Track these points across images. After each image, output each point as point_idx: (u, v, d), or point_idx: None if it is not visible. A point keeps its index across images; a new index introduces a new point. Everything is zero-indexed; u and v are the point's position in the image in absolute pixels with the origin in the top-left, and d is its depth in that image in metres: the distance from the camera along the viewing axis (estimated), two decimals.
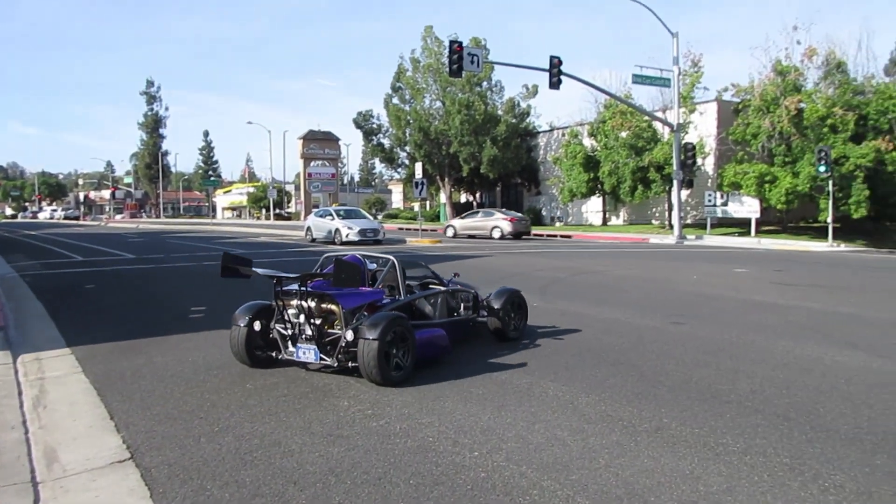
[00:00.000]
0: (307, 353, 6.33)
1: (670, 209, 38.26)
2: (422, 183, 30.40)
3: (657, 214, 43.82)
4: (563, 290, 12.71)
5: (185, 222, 66.64)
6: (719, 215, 36.42)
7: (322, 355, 6.27)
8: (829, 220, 31.69)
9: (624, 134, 39.74)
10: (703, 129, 39.51)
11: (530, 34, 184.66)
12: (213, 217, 78.68)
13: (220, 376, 6.21)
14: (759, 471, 3.97)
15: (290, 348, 6.49)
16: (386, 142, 55.13)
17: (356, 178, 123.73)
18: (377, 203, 77.22)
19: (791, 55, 37.02)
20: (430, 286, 7.97)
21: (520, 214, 37.53)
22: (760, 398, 5.50)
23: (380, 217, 58.14)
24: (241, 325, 6.59)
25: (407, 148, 52.82)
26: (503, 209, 41.66)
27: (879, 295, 12.87)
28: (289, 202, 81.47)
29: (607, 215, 46.84)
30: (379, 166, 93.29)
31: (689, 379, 6.11)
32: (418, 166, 33.69)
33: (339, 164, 72.91)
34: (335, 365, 6.23)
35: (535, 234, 37.43)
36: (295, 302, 6.46)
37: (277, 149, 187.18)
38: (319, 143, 64.21)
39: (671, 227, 36.07)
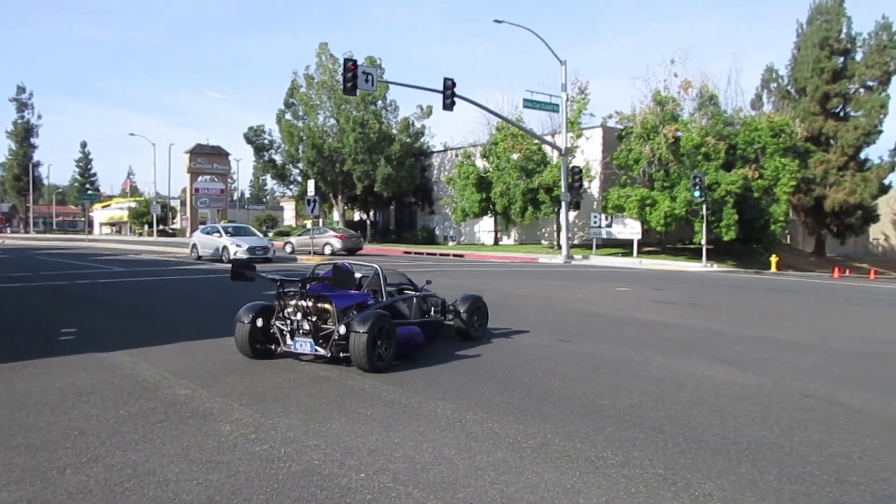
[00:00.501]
0: (303, 345, 7.36)
1: (559, 230, 39.56)
2: (314, 200, 30.00)
3: (546, 235, 45.19)
4: None
5: (58, 238, 62.54)
6: (604, 236, 37.98)
7: (317, 347, 7.31)
8: (703, 241, 33.75)
9: (515, 156, 40.84)
10: (590, 153, 41.23)
11: (426, 55, 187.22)
12: (90, 233, 74.37)
13: (90, 402, 5.82)
14: (636, 482, 4.13)
15: (289, 341, 7.46)
16: (278, 158, 54.14)
17: (246, 195, 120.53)
18: (268, 220, 75.36)
19: (669, 86, 39.40)
20: (405, 291, 9.24)
21: (351, 231, 38.43)
22: (638, 412, 5.74)
23: (270, 234, 56.76)
24: (245, 322, 7.56)
25: (300, 165, 52.06)
26: (335, 226, 42.84)
27: (746, 312, 13.79)
28: (174, 218, 78.23)
29: (499, 235, 47.86)
30: (270, 183, 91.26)
31: (573, 395, 6.29)
32: (311, 183, 33.23)
33: (229, 180, 70.82)
34: (328, 355, 7.28)
35: (428, 253, 37.68)
36: (294, 302, 7.46)
37: (162, 162, 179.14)
38: (208, 158, 62.18)
39: (559, 247, 37.28)
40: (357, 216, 58.36)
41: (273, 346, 7.62)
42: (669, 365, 7.72)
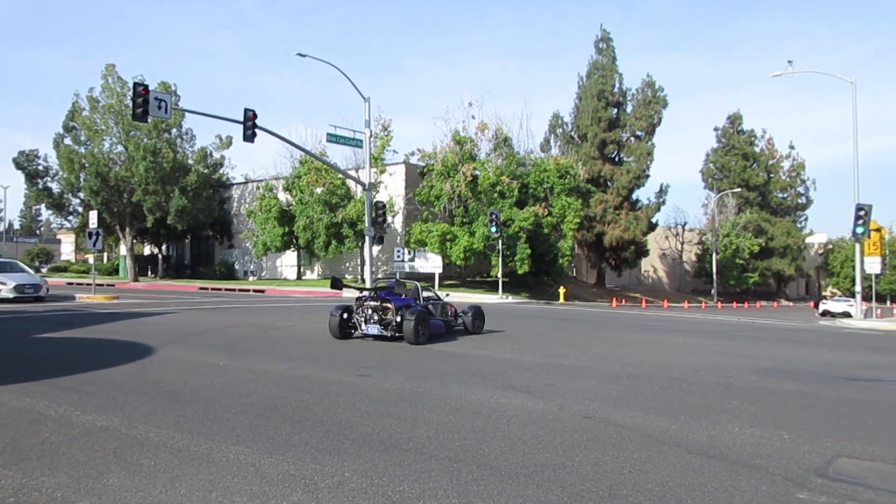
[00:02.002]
0: (373, 329, 12.85)
1: (363, 264, 39.77)
2: (97, 233, 27.57)
3: (351, 269, 45.21)
4: (253, 346, 12.36)
5: None
6: (407, 270, 38.74)
7: (382, 329, 12.79)
8: (499, 274, 35.61)
9: (319, 190, 40.64)
10: (393, 188, 42.10)
11: (226, 85, 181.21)
12: None
13: None
14: None
15: (363, 327, 12.99)
16: (55, 186, 49.28)
17: (16, 226, 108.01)
18: (42, 254, 68.04)
19: (467, 127, 41.54)
20: (432, 300, 14.74)
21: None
22: (435, 443, 5.85)
23: (44, 270, 51.24)
24: (336, 315, 13.12)
25: (81, 194, 47.70)
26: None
27: (536, 341, 14.69)
28: None
29: (302, 269, 47.12)
30: (46, 213, 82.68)
31: (373, 430, 6.27)
32: (93, 215, 30.51)
33: None
34: (389, 335, 12.81)
35: (226, 289, 36.08)
36: (368, 302, 13.03)
37: None
38: None
39: (364, 281, 37.43)
40: (148, 250, 54.55)
41: (352, 331, 13.34)
42: (466, 395, 7.99)
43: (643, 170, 54.80)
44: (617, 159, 56.44)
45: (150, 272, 52.36)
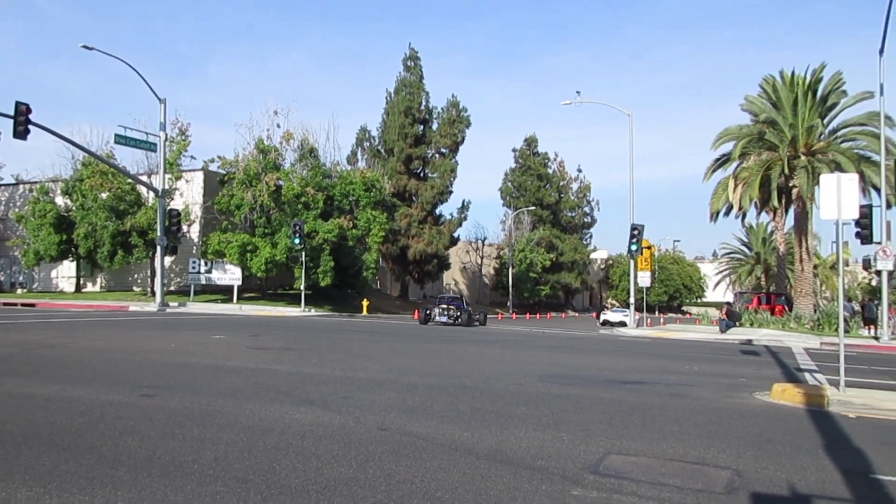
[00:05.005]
0: (443, 318, 33.01)
1: (153, 276, 37.19)
2: None
3: (139, 281, 42.14)
4: (17, 368, 11.01)
5: None
6: (203, 282, 36.86)
7: (447, 319, 32.85)
8: (302, 287, 35.01)
9: (104, 195, 37.50)
10: (190, 196, 39.93)
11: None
12: None
13: None
14: None
15: (437, 318, 33.11)
16: None
17: None
18: None
19: (272, 136, 40.53)
20: (470, 306, 36.80)
21: None
22: (223, 464, 5.54)
23: None
24: (423, 312, 33.76)
25: None
26: None
27: (336, 354, 14.58)
28: None
29: (82, 281, 43.10)
30: None
31: (153, 454, 5.81)
32: None
33: None
34: (451, 322, 32.63)
35: None
36: (440, 304, 34.12)
37: None
38: None
39: (154, 294, 34.96)
40: None
41: (430, 320, 32.82)
42: (259, 412, 7.68)
43: (447, 186, 56.83)
44: (422, 175, 57.99)
45: None
